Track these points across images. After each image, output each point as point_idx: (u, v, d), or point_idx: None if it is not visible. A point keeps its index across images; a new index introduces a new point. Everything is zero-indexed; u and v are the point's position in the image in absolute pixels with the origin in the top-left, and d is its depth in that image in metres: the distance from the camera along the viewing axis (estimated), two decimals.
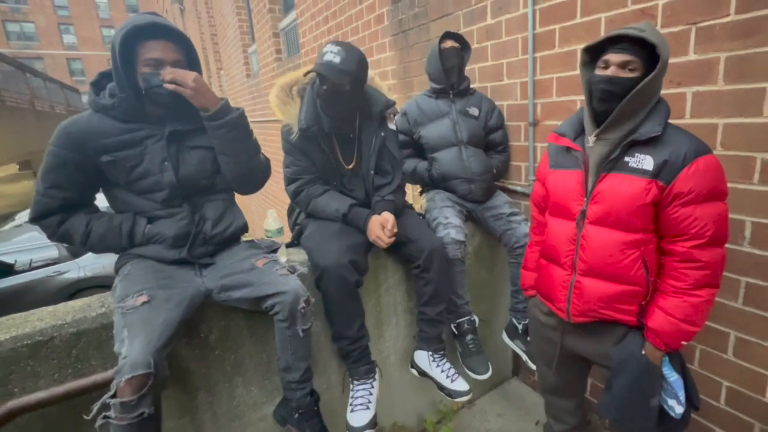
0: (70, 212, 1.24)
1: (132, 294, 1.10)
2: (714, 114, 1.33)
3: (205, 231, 1.31)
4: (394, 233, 1.50)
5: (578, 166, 1.16)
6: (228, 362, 1.42)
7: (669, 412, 1.14)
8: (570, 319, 1.20)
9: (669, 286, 1.07)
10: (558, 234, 1.21)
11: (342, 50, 1.39)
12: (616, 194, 1.07)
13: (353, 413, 1.49)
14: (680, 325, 1.05)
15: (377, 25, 3.01)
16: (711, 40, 1.29)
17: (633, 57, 1.02)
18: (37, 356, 1.09)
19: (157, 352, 1.00)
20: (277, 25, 5.45)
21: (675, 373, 1.13)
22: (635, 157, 1.06)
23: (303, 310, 1.25)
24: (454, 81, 1.88)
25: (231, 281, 1.25)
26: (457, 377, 1.64)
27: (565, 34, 1.72)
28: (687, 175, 1.00)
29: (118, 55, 1.16)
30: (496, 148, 2.02)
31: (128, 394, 0.96)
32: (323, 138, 1.51)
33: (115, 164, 1.21)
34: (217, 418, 1.43)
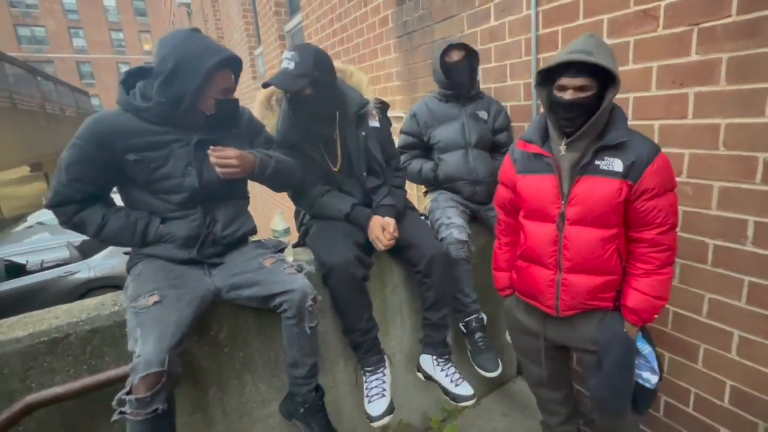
0: (88, 204, 1.25)
1: (144, 294, 1.13)
2: (716, 114, 1.33)
3: (215, 232, 1.34)
4: (394, 237, 1.52)
5: (551, 171, 1.23)
6: (237, 359, 1.45)
7: (645, 385, 1.27)
8: (559, 314, 1.28)
9: (639, 269, 1.20)
10: (538, 236, 1.28)
11: (296, 54, 1.38)
12: (592, 195, 1.17)
13: (371, 403, 1.53)
14: (653, 301, 1.19)
15: (382, 27, 3.03)
16: (713, 40, 1.30)
17: (587, 80, 1.11)
18: (53, 353, 1.13)
19: (171, 350, 1.03)
20: (283, 27, 5.50)
21: (648, 346, 1.28)
22: (605, 160, 1.16)
23: (310, 308, 1.28)
24: (465, 91, 1.89)
25: (240, 280, 1.28)
26: (461, 381, 1.64)
27: (568, 36, 1.73)
28: (651, 173, 1.13)
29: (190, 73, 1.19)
30: (500, 149, 2.04)
31: (143, 391, 1.00)
32: (306, 145, 1.53)
33: (140, 163, 1.23)
34: (227, 414, 1.47)
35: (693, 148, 1.41)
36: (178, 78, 1.19)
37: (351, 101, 1.55)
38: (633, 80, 1.53)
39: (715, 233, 1.40)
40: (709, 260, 1.43)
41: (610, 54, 1.11)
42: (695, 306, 1.50)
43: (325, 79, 1.44)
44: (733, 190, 1.32)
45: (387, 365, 1.61)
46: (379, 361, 1.57)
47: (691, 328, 1.53)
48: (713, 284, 1.43)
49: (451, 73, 1.83)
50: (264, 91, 1.56)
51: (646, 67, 1.49)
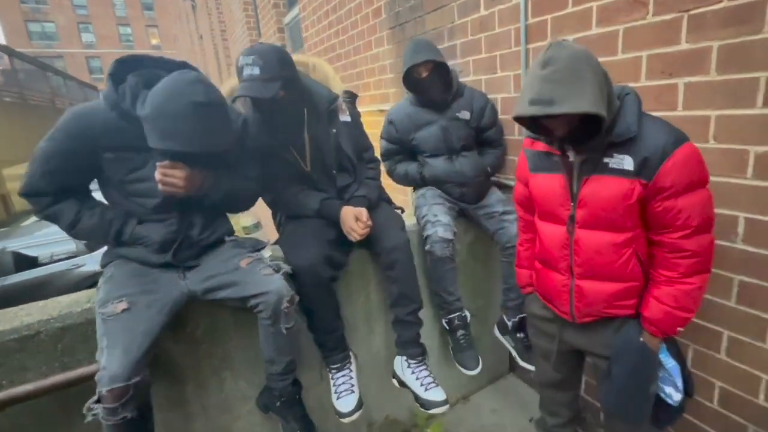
0: (63, 196, 1.20)
1: (112, 300, 1.11)
2: (706, 106, 1.27)
3: (191, 236, 1.30)
4: (368, 225, 1.46)
5: (559, 170, 1.14)
6: (216, 356, 1.45)
7: (666, 400, 1.15)
8: (575, 321, 1.21)
9: (661, 275, 1.08)
10: (550, 239, 1.21)
11: (257, 58, 1.26)
12: (600, 197, 1.07)
13: (340, 400, 1.50)
14: (674, 313, 1.06)
15: (375, 18, 2.98)
16: (703, 28, 1.24)
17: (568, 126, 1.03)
18: (24, 350, 1.14)
19: (137, 363, 1.02)
20: (282, 20, 5.45)
21: (672, 360, 1.15)
22: (614, 157, 1.05)
23: (286, 310, 1.26)
24: (437, 101, 1.81)
25: (214, 282, 1.26)
26: (432, 386, 1.54)
27: (557, 24, 1.67)
28: (666, 170, 1.00)
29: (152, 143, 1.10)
30: (490, 145, 1.98)
31: (110, 402, 1.00)
32: (275, 146, 1.47)
33: (117, 162, 1.19)
34: (207, 410, 1.47)
35: None
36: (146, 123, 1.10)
37: (319, 97, 1.46)
38: (622, 71, 1.47)
39: None
40: None
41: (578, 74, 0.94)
42: None
43: (293, 77, 1.36)
44: (723, 185, 1.27)
45: (353, 362, 1.59)
46: (344, 358, 1.55)
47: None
48: None
49: (419, 89, 1.76)
50: (223, 89, 1.47)
51: (635, 57, 1.43)
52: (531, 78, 0.99)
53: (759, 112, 1.17)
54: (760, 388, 1.30)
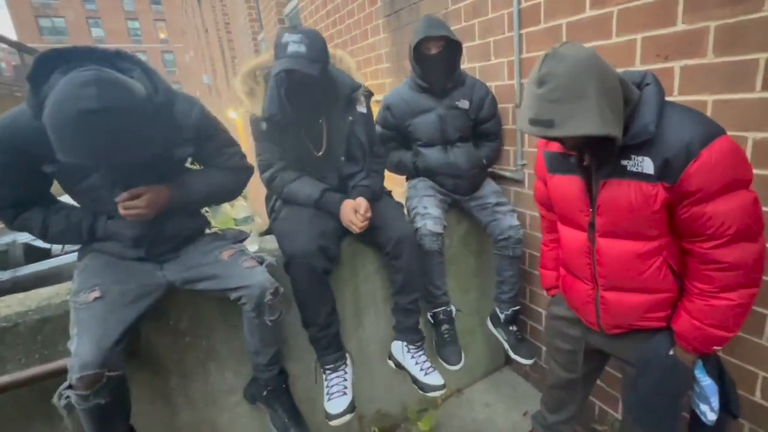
0: (25, 207, 1.17)
1: (85, 289, 1.10)
2: (703, 90, 1.21)
3: (164, 230, 1.26)
4: (367, 218, 1.46)
5: (575, 171, 1.06)
6: (200, 348, 1.44)
7: (701, 417, 1.07)
8: (603, 332, 1.15)
9: (695, 288, 0.97)
10: (571, 245, 1.13)
11: (304, 37, 1.30)
12: (619, 203, 0.97)
13: (331, 401, 1.48)
14: (707, 330, 0.95)
15: (371, 6, 2.92)
16: (700, 8, 1.17)
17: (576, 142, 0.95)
18: (3, 342, 1.14)
19: (108, 351, 1.01)
20: (282, 11, 5.40)
21: (708, 378, 1.04)
22: (632, 159, 0.94)
23: (270, 302, 1.24)
24: (439, 85, 1.75)
25: (193, 274, 1.25)
26: (431, 371, 1.59)
27: (550, 8, 1.60)
28: (692, 172, 0.87)
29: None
30: (487, 138, 1.93)
31: (82, 389, 0.99)
32: (290, 125, 1.47)
33: (59, 174, 1.12)
34: (192, 402, 1.47)
35: None
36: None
37: (342, 84, 1.49)
38: (616, 55, 1.40)
39: None
40: None
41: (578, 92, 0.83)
42: None
43: (328, 63, 1.40)
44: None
45: (349, 363, 1.56)
46: (339, 358, 1.52)
47: None
48: None
49: (425, 66, 1.69)
50: (248, 64, 1.48)
51: (629, 40, 1.36)
52: (528, 94, 0.89)
53: (758, 96, 1.11)
54: (756, 385, 1.26)
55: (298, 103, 1.42)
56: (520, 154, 1.90)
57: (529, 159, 1.88)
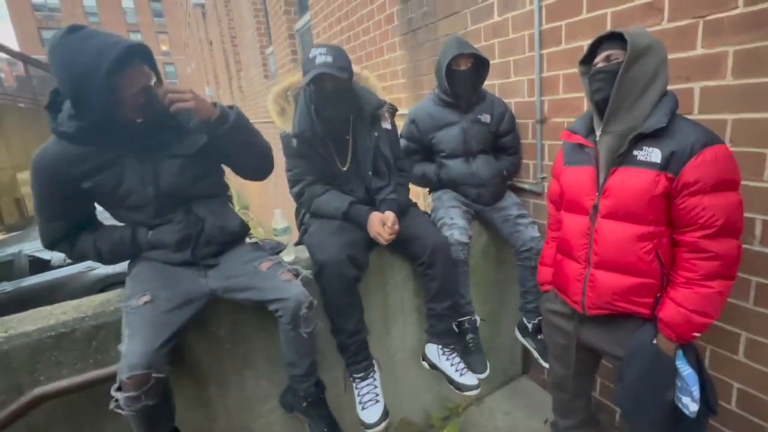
0: (76, 236, 1.27)
1: (136, 294, 1.15)
2: (723, 109, 1.29)
3: (206, 231, 1.33)
4: (394, 230, 1.52)
5: (590, 162, 1.20)
6: (238, 356, 1.48)
7: (683, 411, 1.12)
8: (585, 312, 1.23)
9: (680, 277, 1.09)
10: (572, 229, 1.25)
11: (330, 49, 1.42)
12: (626, 187, 1.10)
13: (365, 410, 1.52)
14: (691, 316, 1.06)
15: (387, 24, 3.03)
16: (719, 33, 1.26)
17: (613, 50, 1.10)
18: (60, 347, 1.18)
19: (155, 352, 1.05)
20: (293, 26, 5.53)
21: (688, 367, 1.12)
22: (643, 150, 1.09)
23: (305, 315, 1.27)
24: (464, 101, 1.84)
25: (234, 283, 1.29)
26: (466, 371, 1.67)
27: (571, 31, 1.70)
28: (694, 166, 1.02)
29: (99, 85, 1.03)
30: (506, 151, 2.01)
31: (131, 390, 1.02)
32: (318, 142, 1.54)
33: (97, 188, 1.19)
34: (229, 409, 1.50)
35: None
36: (84, 97, 1.05)
37: (367, 102, 1.58)
38: None
39: None
40: None
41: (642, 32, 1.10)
42: None
43: (353, 75, 1.50)
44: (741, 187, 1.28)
45: (377, 371, 1.61)
46: (368, 366, 1.57)
47: None
48: None
49: (454, 81, 1.78)
50: (280, 84, 1.59)
51: None
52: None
53: None
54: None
55: (327, 115, 1.49)
56: (540, 167, 1.98)
57: (548, 172, 1.95)
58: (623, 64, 1.06)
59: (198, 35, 15.79)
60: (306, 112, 1.51)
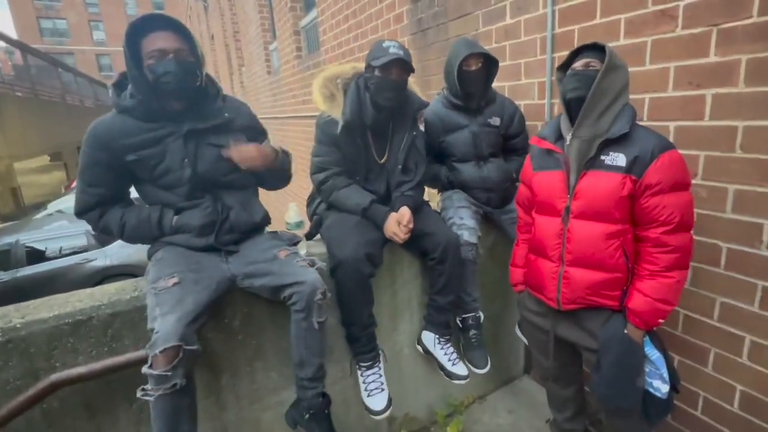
0: (107, 207, 1.34)
1: (164, 276, 1.18)
2: (734, 117, 1.32)
3: (230, 219, 1.39)
4: (410, 229, 1.55)
5: (560, 167, 1.28)
6: (250, 347, 1.49)
7: (655, 394, 1.24)
8: (560, 307, 1.31)
9: (644, 269, 1.20)
10: (545, 230, 1.33)
11: (400, 45, 1.51)
12: (595, 189, 1.20)
13: (371, 397, 1.58)
14: (656, 305, 1.17)
15: (396, 23, 3.04)
16: (732, 42, 1.29)
17: (593, 59, 1.20)
18: (77, 334, 1.19)
19: (187, 327, 1.08)
20: (298, 23, 5.54)
21: (656, 351, 1.25)
22: (610, 155, 1.19)
23: (319, 302, 1.29)
24: (474, 102, 1.84)
25: (254, 269, 1.32)
26: (458, 362, 1.74)
27: (584, 35, 1.72)
28: (654, 169, 1.13)
29: (129, 56, 1.22)
30: (516, 153, 2.02)
31: (162, 365, 1.04)
32: (361, 132, 1.59)
33: (140, 162, 1.29)
34: (239, 399, 1.51)
35: (709, 150, 1.39)
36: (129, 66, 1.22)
37: (412, 101, 1.65)
38: (649, 81, 1.51)
39: (729, 237, 1.39)
40: (721, 264, 1.42)
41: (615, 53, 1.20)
42: (706, 309, 1.49)
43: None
44: (749, 193, 1.31)
45: (382, 360, 1.66)
46: (375, 356, 1.63)
47: (702, 332, 1.52)
48: (725, 288, 1.42)
49: (465, 81, 1.79)
50: (328, 71, 1.62)
51: (662, 68, 1.48)
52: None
53: None
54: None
55: (383, 104, 1.54)
56: None
57: None
58: (601, 71, 1.16)
59: (199, 29, 15.73)
60: (357, 100, 1.55)
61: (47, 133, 11.34)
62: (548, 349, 1.45)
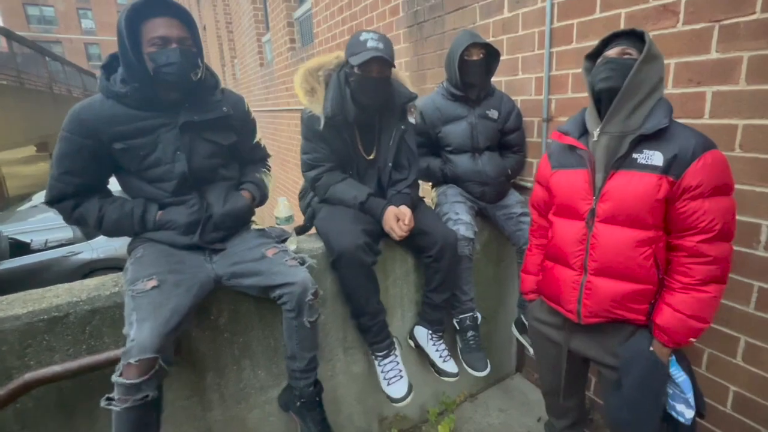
0: (84, 197, 1.25)
1: (142, 278, 1.11)
2: (734, 115, 1.30)
3: (214, 216, 1.32)
4: (410, 227, 1.50)
5: (584, 165, 1.15)
6: (236, 345, 1.45)
7: (678, 419, 1.11)
8: (580, 321, 1.18)
9: (677, 281, 1.07)
10: (565, 234, 1.19)
11: (381, 37, 1.42)
12: (626, 191, 1.07)
13: (391, 386, 1.57)
14: (688, 321, 1.05)
15: (392, 16, 2.99)
16: (734, 38, 1.26)
17: (628, 47, 1.08)
18: (52, 331, 1.13)
19: (165, 337, 1.02)
20: (292, 14, 5.44)
21: (683, 373, 1.11)
22: (643, 153, 1.06)
23: (310, 302, 1.26)
24: (474, 92, 1.82)
25: (241, 269, 1.27)
26: (449, 359, 1.72)
27: (583, 30, 1.69)
28: (696, 169, 1.01)
29: (127, 39, 1.12)
30: (511, 149, 1.99)
31: (133, 376, 0.98)
32: (346, 127, 1.52)
33: (128, 152, 1.21)
34: (225, 399, 1.47)
35: None
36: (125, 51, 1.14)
37: (399, 93, 1.56)
38: None
39: None
40: None
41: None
42: None
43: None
44: (747, 192, 1.29)
45: (397, 348, 1.64)
46: (390, 345, 1.60)
47: None
48: None
49: (466, 71, 1.76)
50: (310, 63, 1.54)
51: None
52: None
53: None
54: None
55: (364, 102, 1.48)
56: None
57: None
58: (639, 60, 1.04)
59: None
60: (339, 95, 1.48)
61: (33, 122, 11.07)
62: (560, 364, 1.31)
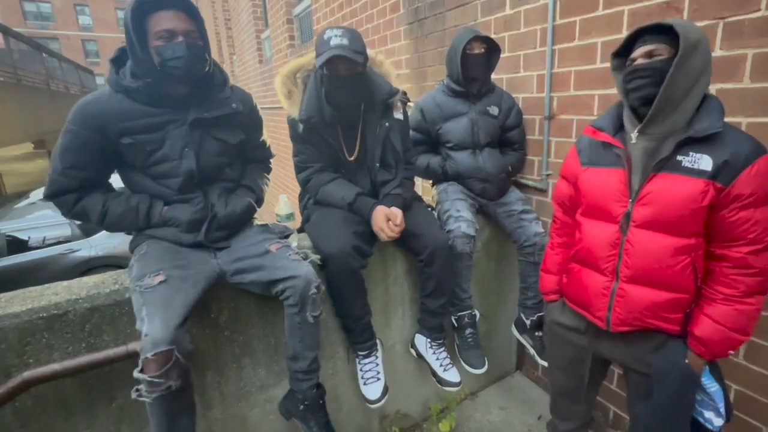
0: (87, 191, 1.23)
1: (149, 273, 1.11)
2: (738, 113, 1.29)
3: (218, 215, 1.31)
4: (400, 229, 1.48)
5: (620, 164, 1.08)
6: (237, 343, 1.44)
7: (706, 425, 1.09)
8: (609, 328, 1.13)
9: (718, 293, 1.01)
10: (596, 237, 1.13)
11: (346, 31, 1.35)
12: (668, 196, 1.00)
13: (367, 386, 1.57)
14: (730, 334, 1.00)
15: (393, 13, 2.97)
16: (739, 36, 1.26)
17: (656, 45, 0.98)
18: (52, 329, 1.12)
19: (176, 329, 1.02)
20: (291, 11, 5.41)
21: (715, 384, 1.08)
22: (690, 156, 0.98)
23: (314, 296, 1.25)
24: (475, 87, 1.82)
25: (244, 264, 1.26)
26: (450, 367, 1.69)
27: (586, 27, 1.68)
28: (749, 177, 0.93)
29: (133, 33, 1.11)
30: (512, 146, 1.99)
31: (154, 370, 0.99)
32: (326, 128, 1.49)
33: (135, 147, 1.20)
34: (225, 397, 1.46)
35: None
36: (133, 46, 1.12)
37: (379, 89, 1.50)
38: None
39: None
40: None
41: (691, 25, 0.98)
42: None
43: (368, 61, 1.45)
44: None
45: (379, 349, 1.63)
46: (372, 346, 1.59)
47: None
48: None
49: (467, 65, 1.75)
50: (288, 65, 1.51)
51: None
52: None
53: None
54: None
55: (338, 102, 1.43)
56: (546, 164, 1.97)
57: (554, 169, 1.94)
58: (675, 62, 0.94)
59: None
60: (315, 96, 1.45)
61: (30, 119, 11.00)
62: (581, 366, 1.26)
